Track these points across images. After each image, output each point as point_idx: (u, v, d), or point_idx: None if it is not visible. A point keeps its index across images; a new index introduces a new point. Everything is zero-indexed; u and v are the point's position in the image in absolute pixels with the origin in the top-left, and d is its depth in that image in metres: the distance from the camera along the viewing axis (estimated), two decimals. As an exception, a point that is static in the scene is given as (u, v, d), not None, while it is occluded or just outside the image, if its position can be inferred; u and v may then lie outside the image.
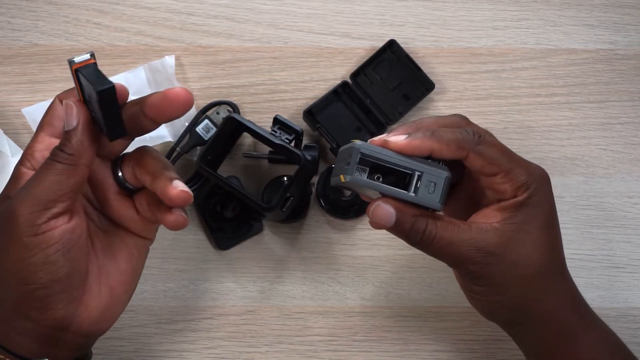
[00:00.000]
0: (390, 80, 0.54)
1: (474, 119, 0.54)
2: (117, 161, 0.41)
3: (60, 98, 0.39)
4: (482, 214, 0.41)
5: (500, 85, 0.55)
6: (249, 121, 0.48)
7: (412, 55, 0.53)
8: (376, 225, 0.39)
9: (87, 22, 0.55)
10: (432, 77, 0.53)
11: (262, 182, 0.53)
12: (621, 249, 0.53)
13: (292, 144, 0.49)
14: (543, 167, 0.54)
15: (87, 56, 0.35)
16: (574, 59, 0.55)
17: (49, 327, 0.37)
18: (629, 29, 0.55)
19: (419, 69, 0.53)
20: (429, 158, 0.39)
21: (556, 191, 0.53)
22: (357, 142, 0.38)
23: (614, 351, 0.43)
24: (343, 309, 0.52)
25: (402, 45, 0.53)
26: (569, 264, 0.53)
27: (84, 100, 0.37)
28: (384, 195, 0.39)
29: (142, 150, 0.40)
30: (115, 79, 0.53)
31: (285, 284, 0.52)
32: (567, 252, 0.53)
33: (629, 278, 0.53)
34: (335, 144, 0.52)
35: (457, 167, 0.41)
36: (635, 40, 0.55)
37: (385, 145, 0.39)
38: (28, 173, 0.37)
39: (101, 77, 0.34)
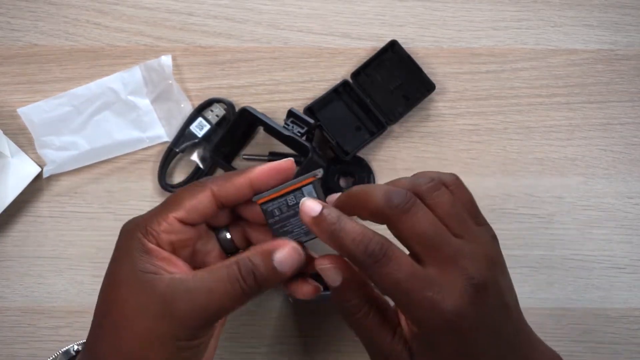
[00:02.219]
0: (391, 80, 0.54)
1: (474, 119, 0.54)
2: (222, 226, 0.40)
3: (215, 193, 0.37)
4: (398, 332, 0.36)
5: (500, 86, 0.55)
6: (261, 113, 0.49)
7: (412, 56, 0.53)
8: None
9: (87, 22, 0.55)
10: (432, 77, 0.53)
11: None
12: (621, 249, 0.53)
13: (304, 137, 0.50)
14: (543, 167, 0.54)
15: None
16: (574, 59, 0.55)
17: None
18: (629, 29, 0.55)
19: (420, 70, 0.53)
20: None
21: (556, 191, 0.54)
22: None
23: None
24: (343, 309, 0.52)
25: (402, 46, 0.53)
26: (569, 264, 0.53)
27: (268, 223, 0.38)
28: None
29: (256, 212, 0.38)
30: (111, 78, 0.53)
31: (285, 284, 0.52)
32: (568, 252, 0.53)
33: (629, 279, 0.53)
34: (335, 141, 0.52)
35: None
36: (635, 40, 0.55)
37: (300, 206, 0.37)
38: (156, 250, 0.36)
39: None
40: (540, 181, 0.54)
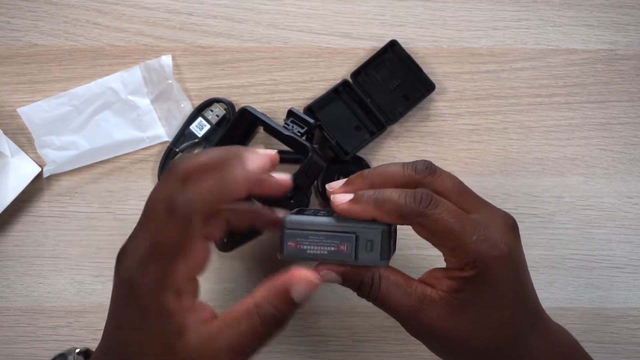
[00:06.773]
0: (390, 80, 0.54)
1: (474, 119, 0.54)
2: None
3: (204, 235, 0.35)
4: (433, 275, 0.38)
5: (500, 85, 0.55)
6: (261, 113, 0.49)
7: (412, 56, 0.53)
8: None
9: (86, 22, 0.55)
10: (432, 77, 0.53)
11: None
12: (621, 249, 0.53)
13: (304, 137, 0.50)
14: (543, 167, 0.54)
15: None
16: (574, 59, 0.55)
17: None
18: (629, 29, 0.55)
19: (420, 70, 0.53)
20: None
21: (556, 191, 0.54)
22: (288, 216, 0.38)
23: None
24: (343, 309, 0.52)
25: (402, 46, 0.53)
26: (569, 264, 0.53)
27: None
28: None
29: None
30: (111, 78, 0.53)
31: (285, 284, 0.52)
32: (567, 252, 0.53)
33: (628, 278, 0.53)
34: (335, 141, 0.52)
35: None
36: (635, 40, 0.55)
37: (332, 201, 0.38)
38: (177, 307, 0.33)
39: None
40: (540, 181, 0.54)
